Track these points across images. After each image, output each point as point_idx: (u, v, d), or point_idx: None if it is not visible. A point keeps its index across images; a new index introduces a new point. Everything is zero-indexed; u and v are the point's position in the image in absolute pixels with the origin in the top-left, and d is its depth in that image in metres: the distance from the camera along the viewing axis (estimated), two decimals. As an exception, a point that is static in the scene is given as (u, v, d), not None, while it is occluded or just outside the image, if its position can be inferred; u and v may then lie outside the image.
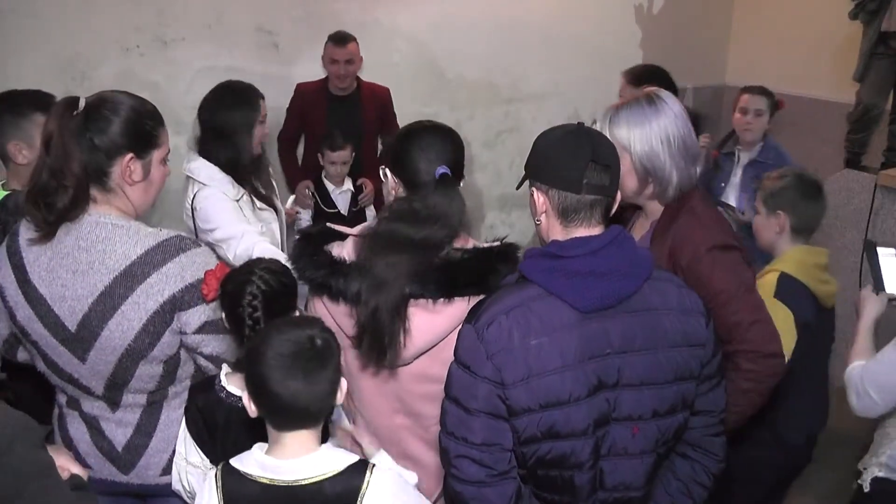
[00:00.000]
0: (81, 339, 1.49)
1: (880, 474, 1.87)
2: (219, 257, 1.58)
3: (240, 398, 1.47)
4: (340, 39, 3.45)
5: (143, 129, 1.51)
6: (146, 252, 1.48)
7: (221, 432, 1.51)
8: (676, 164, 1.62)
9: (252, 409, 1.31)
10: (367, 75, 3.82)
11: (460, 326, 1.34)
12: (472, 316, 1.30)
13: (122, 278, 1.46)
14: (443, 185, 1.47)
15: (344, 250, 1.52)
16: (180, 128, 3.57)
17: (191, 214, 2.38)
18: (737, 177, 3.16)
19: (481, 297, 1.40)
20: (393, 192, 1.57)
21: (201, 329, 1.54)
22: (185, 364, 1.61)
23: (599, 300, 1.25)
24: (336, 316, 1.52)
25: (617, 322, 1.27)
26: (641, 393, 1.29)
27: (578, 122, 1.35)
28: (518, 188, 1.51)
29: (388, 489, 1.31)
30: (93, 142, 1.44)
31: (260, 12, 3.72)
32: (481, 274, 1.46)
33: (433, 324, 1.47)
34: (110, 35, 3.43)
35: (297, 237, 1.57)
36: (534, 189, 1.34)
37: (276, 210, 2.53)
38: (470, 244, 1.54)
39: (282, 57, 3.77)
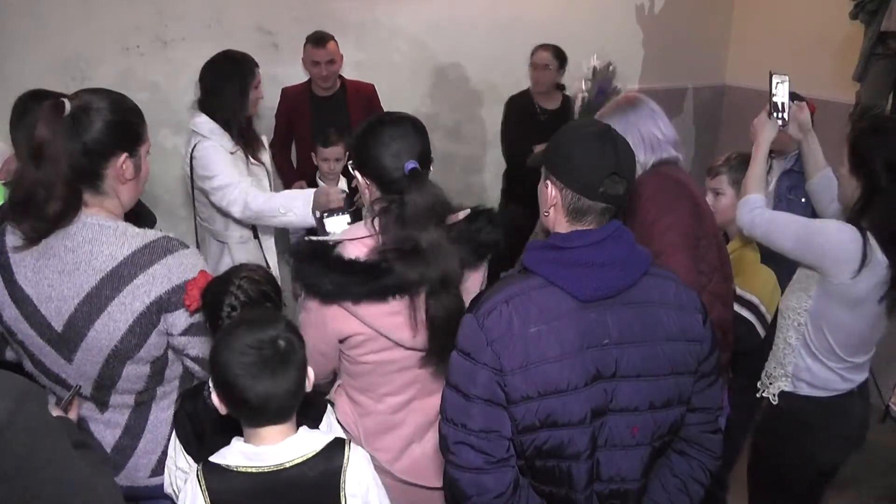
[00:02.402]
0: (67, 340, 1.48)
1: (787, 388, 2.02)
2: (213, 207, 1.53)
3: None
4: (319, 40, 3.40)
5: (132, 128, 1.51)
6: (133, 253, 1.47)
7: (209, 438, 1.51)
8: (650, 149, 1.94)
9: (222, 409, 1.33)
10: (367, 75, 3.83)
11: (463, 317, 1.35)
12: (474, 306, 1.32)
13: (109, 279, 1.45)
14: (414, 180, 1.46)
15: (360, 252, 1.50)
16: (180, 128, 3.57)
17: (189, 164, 2.64)
18: (771, 186, 3.08)
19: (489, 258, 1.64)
20: (366, 191, 1.56)
21: (187, 331, 1.53)
22: (172, 364, 1.60)
23: (598, 290, 1.26)
24: (377, 319, 1.51)
25: (615, 313, 1.28)
26: (638, 384, 1.29)
27: (607, 125, 1.35)
28: (530, 165, 1.51)
29: (365, 464, 1.37)
30: (86, 145, 1.43)
31: (260, 12, 3.73)
32: (485, 235, 1.59)
33: (468, 292, 1.54)
34: (110, 35, 3.43)
35: (301, 258, 1.51)
36: (549, 182, 1.34)
37: (266, 167, 2.83)
38: (455, 218, 1.57)
39: (282, 57, 3.77)
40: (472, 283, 1.63)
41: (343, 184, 3.48)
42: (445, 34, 4.26)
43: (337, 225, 2.19)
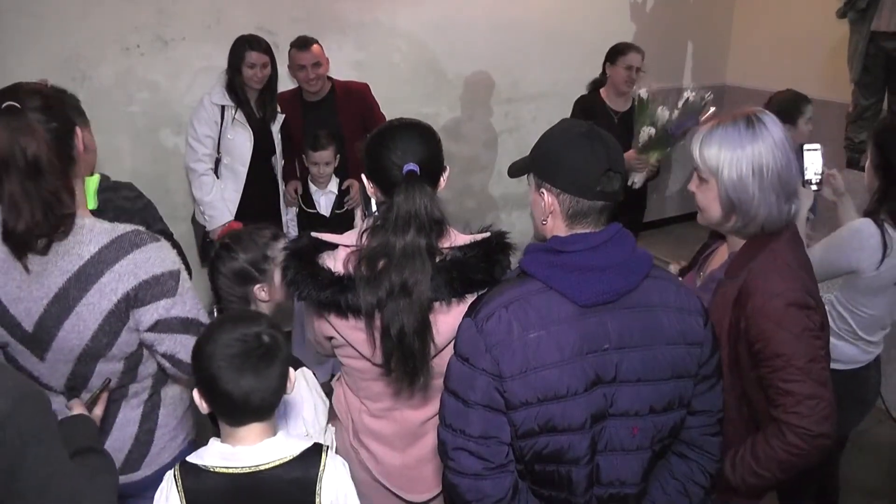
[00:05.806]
0: (39, 340, 1.46)
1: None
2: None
3: None
4: (303, 44, 3.39)
5: (67, 98, 1.50)
6: (99, 251, 1.44)
7: None
8: (766, 198, 1.48)
9: (203, 407, 1.33)
10: (367, 75, 3.83)
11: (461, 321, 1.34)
12: (472, 310, 1.31)
13: (76, 279, 1.43)
14: (407, 183, 1.44)
15: (337, 262, 1.51)
16: (180, 128, 3.57)
17: None
18: None
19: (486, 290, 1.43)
20: (373, 197, 1.56)
21: (154, 327, 1.51)
22: (146, 361, 1.59)
23: (599, 295, 1.25)
24: (344, 331, 1.52)
25: (615, 317, 1.27)
26: (638, 389, 1.29)
27: (589, 123, 1.35)
28: (512, 176, 1.51)
29: (343, 471, 1.37)
30: (56, 134, 1.39)
31: (260, 12, 3.72)
32: (489, 268, 1.49)
33: (450, 325, 1.46)
34: (110, 35, 3.43)
35: (287, 253, 1.54)
36: (543, 190, 1.34)
37: (250, 131, 3.28)
38: (458, 240, 1.53)
39: (282, 57, 3.77)
40: (444, 323, 1.49)
41: (334, 186, 3.48)
42: (445, 34, 4.26)
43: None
